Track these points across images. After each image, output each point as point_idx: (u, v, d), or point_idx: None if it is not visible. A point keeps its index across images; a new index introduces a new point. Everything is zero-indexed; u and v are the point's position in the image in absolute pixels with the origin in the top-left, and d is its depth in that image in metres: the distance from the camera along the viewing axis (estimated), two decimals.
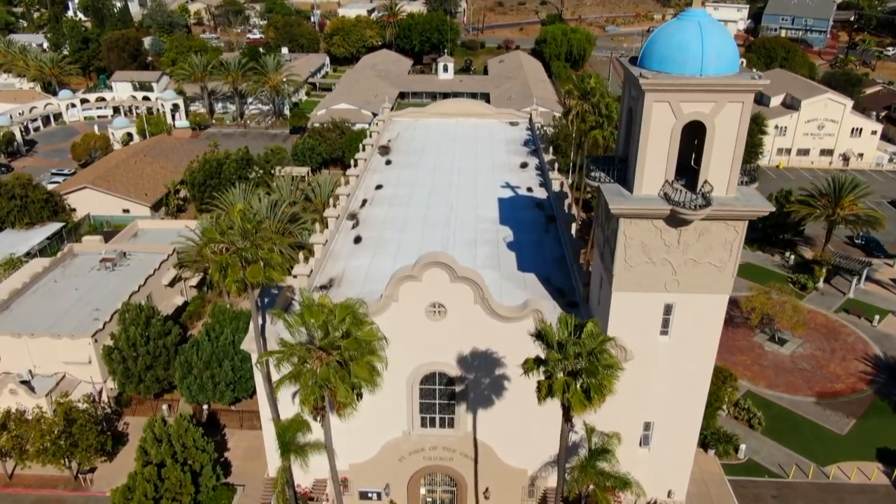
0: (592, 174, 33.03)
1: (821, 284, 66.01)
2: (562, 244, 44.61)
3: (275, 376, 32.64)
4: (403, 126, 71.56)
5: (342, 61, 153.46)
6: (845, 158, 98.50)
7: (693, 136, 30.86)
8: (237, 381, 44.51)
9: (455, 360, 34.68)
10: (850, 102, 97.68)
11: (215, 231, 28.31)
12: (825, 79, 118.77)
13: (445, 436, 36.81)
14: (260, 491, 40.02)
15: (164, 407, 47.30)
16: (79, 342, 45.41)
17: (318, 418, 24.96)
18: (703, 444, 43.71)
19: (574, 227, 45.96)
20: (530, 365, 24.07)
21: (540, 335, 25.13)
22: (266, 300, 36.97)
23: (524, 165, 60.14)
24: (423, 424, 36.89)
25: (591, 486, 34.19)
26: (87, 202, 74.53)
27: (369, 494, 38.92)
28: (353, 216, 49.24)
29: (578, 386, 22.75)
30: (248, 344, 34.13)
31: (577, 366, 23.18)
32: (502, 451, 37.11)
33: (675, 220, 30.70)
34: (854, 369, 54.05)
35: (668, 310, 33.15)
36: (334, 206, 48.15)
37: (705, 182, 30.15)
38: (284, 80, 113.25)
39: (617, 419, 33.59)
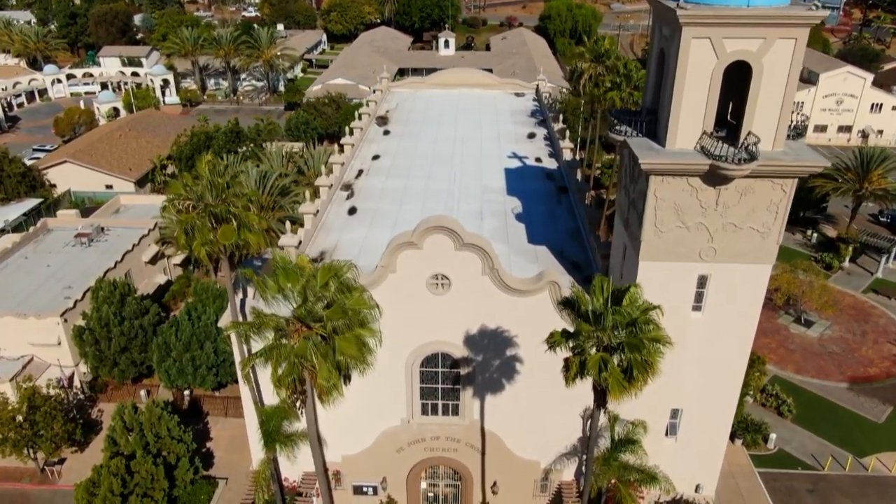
0: (616, 128, 29.03)
1: (846, 264, 62.04)
2: (575, 216, 40.63)
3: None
4: (403, 97, 67.44)
5: (340, 39, 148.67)
6: (864, 135, 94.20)
7: (730, 85, 26.79)
8: (220, 364, 40.62)
9: (460, 340, 30.74)
10: (870, 77, 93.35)
11: (179, 185, 24.28)
12: (841, 55, 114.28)
13: (449, 424, 32.93)
14: (244, 485, 36.20)
15: (142, 393, 43.48)
16: (46, 322, 41.46)
17: (298, 404, 20.99)
18: (730, 433, 39.88)
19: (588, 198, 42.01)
20: (557, 338, 19.94)
21: (569, 303, 20.99)
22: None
23: (532, 136, 56.16)
24: (425, 412, 33.00)
25: (613, 481, 30.48)
26: (67, 177, 70.42)
27: (364, 489, 35.13)
28: (347, 186, 45.15)
29: (617, 364, 18.65)
30: (226, 321, 30.15)
31: (615, 339, 19.18)
32: (512, 442, 33.25)
33: (713, 178, 26.68)
34: (888, 353, 50.17)
35: (702, 282, 29.21)
36: (327, 175, 44.07)
37: (749, 133, 26.10)
38: (279, 54, 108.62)
39: (640, 406, 29.68)
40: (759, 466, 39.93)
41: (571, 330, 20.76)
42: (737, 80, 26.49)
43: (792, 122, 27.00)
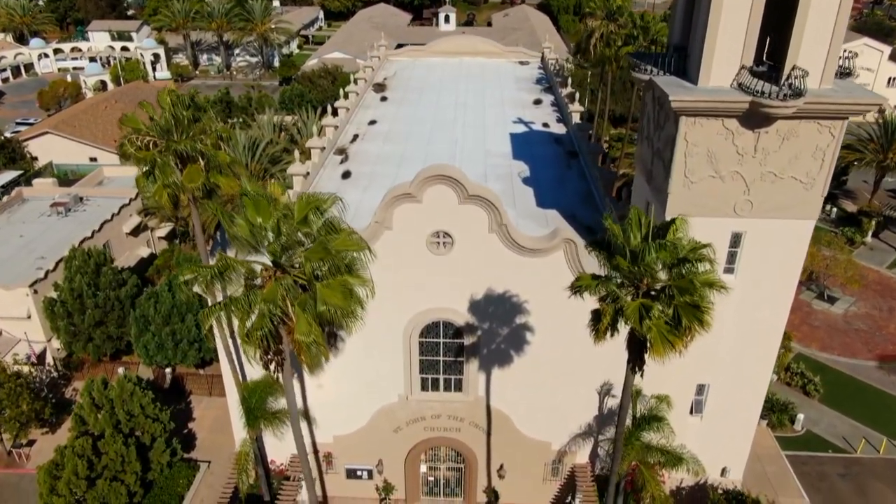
0: (639, 68, 25.84)
1: (869, 238, 58.89)
2: (587, 179, 37.40)
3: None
4: (402, 65, 64.05)
5: (337, 16, 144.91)
6: (881, 110, 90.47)
7: (769, 18, 23.50)
8: (203, 339, 37.44)
9: (464, 306, 27.57)
10: (887, 49, 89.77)
11: (136, 118, 21.02)
12: (855, 28, 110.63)
13: (451, 401, 29.81)
14: (228, 468, 33.05)
15: (120, 371, 40.32)
16: (15, 293, 38.29)
17: (274, 368, 17.72)
18: None
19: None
20: (586, 281, 16.39)
21: (600, 243, 17.29)
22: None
23: (538, 102, 52.90)
24: (424, 387, 29.87)
25: (633, 464, 27.40)
26: (49, 149, 67.02)
27: (358, 473, 32.06)
28: (341, 151, 41.86)
29: (661, 312, 15.31)
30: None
31: (657, 283, 15.86)
32: (521, 421, 30.15)
33: (753, 119, 23.49)
34: None
35: (735, 240, 26.09)
36: (320, 137, 40.78)
37: (794, 67, 22.83)
38: (273, 27, 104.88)
39: (663, 381, 26.70)
40: (786, 449, 36.86)
41: (606, 273, 17.08)
42: (777, 12, 23.21)
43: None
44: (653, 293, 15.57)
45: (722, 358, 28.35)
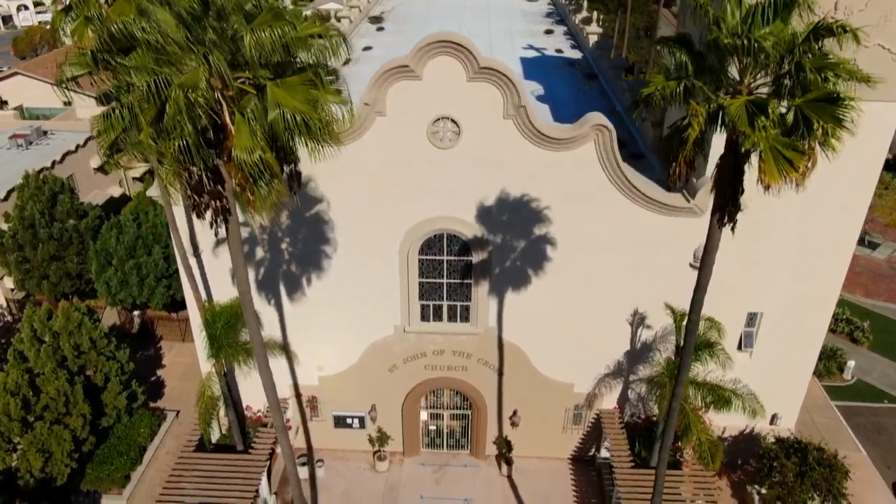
0: None
1: None
2: (609, 97, 32.67)
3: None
4: (399, 1, 59.22)
5: None
6: None
7: None
8: (173, 274, 32.83)
9: (472, 214, 22.89)
10: None
11: None
12: None
13: (457, 333, 25.23)
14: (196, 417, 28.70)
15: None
16: None
17: (210, 215, 12.85)
18: None
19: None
20: (660, 83, 11.38)
21: (675, 40, 11.60)
22: None
23: (549, 32, 48.13)
24: (425, 317, 25.27)
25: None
26: (19, 92, 61.93)
27: (348, 420, 27.59)
28: (332, 72, 37.01)
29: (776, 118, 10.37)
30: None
31: (766, 78, 10.88)
32: (539, 357, 25.61)
33: None
34: None
35: None
36: None
37: None
38: None
39: (707, 307, 22.09)
40: (835, 399, 32.45)
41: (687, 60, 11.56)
42: None
43: None
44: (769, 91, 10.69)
45: (779, 279, 23.77)
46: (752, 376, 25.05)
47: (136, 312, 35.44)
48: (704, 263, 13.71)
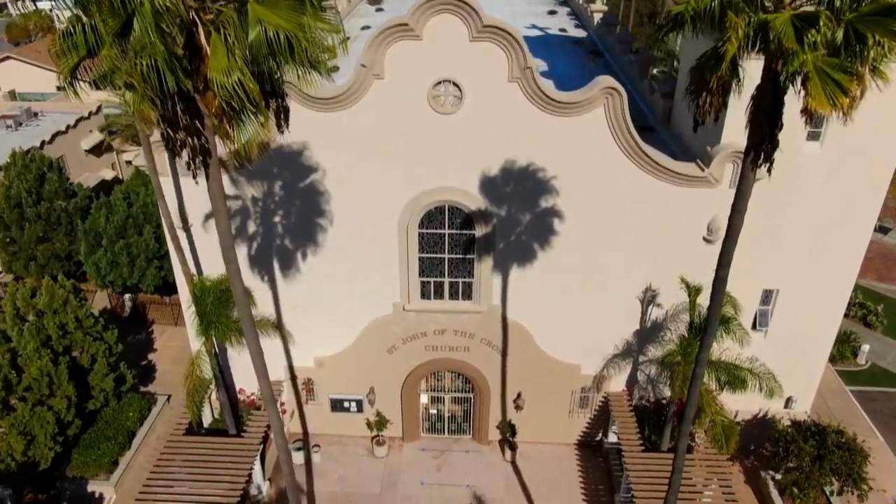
0: None
1: None
2: (616, 74, 31.48)
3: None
4: None
5: None
6: None
7: None
8: (164, 255, 31.72)
9: (475, 185, 21.77)
10: None
11: None
12: None
13: (459, 312, 24.13)
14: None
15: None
16: None
17: (189, 161, 11.62)
18: None
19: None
20: (692, 3, 10.26)
21: None
22: None
23: (553, 13, 46.91)
24: (425, 294, 24.18)
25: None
26: (12, 77, 60.58)
27: (345, 404, 26.51)
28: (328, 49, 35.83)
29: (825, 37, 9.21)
30: None
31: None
32: (545, 337, 24.52)
33: None
34: None
35: None
36: None
37: None
38: None
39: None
40: (849, 384, 31.41)
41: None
42: None
43: None
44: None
45: (797, 253, 22.65)
46: (766, 357, 23.81)
47: (127, 296, 34.36)
48: (733, 222, 12.55)
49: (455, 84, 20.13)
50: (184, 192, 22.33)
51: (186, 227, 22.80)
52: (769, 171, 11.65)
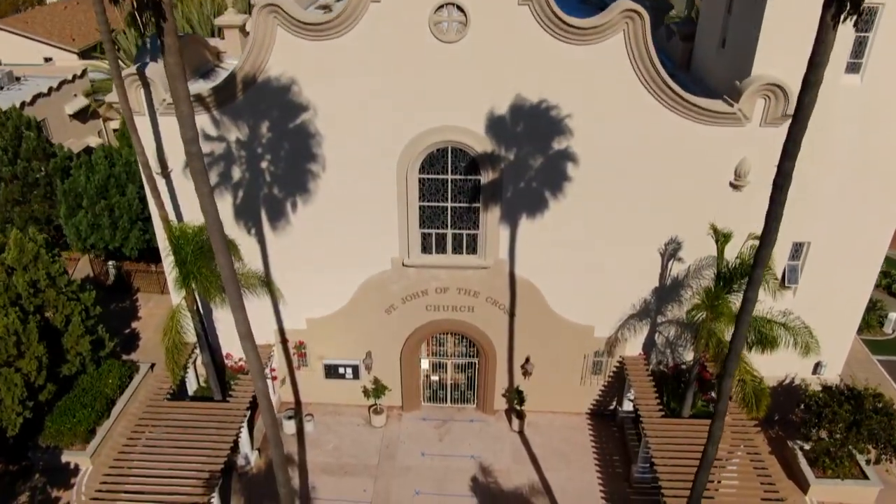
0: None
1: None
2: None
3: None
4: None
5: None
6: None
7: None
8: (149, 217, 29.75)
9: (481, 124, 19.85)
10: None
11: None
12: None
13: (463, 267, 22.27)
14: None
15: None
16: None
17: (132, 8, 9.68)
18: None
19: None
20: None
21: None
22: None
23: None
24: (426, 248, 22.32)
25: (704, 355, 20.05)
26: None
27: (340, 370, 24.69)
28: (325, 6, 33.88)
29: None
30: None
31: None
32: (555, 296, 22.70)
33: None
34: None
35: (868, 22, 18.35)
36: None
37: None
38: None
39: (747, 234, 19.25)
40: (876, 353, 29.63)
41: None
42: None
43: None
44: None
45: (832, 202, 20.76)
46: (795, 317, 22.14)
47: (111, 263, 32.49)
48: (799, 115, 10.58)
49: (459, 7, 18.20)
50: (163, 134, 20.44)
51: (166, 172, 20.92)
52: (856, 25, 9.66)
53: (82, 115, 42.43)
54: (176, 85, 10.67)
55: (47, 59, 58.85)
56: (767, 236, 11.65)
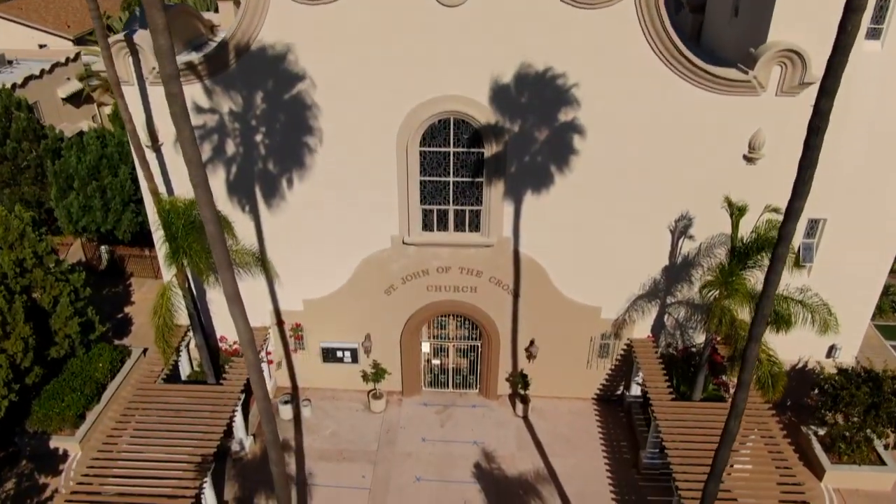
0: None
1: None
2: None
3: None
4: None
5: None
6: None
7: None
8: (142, 199, 28.94)
9: (485, 94, 19.02)
10: None
11: None
12: None
13: (465, 245, 21.46)
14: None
15: None
16: None
17: None
18: None
19: None
20: None
21: None
22: None
23: None
24: (427, 225, 21.50)
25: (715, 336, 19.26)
26: None
27: (338, 353, 23.90)
28: None
29: None
30: None
31: None
32: (561, 276, 21.90)
33: None
34: None
35: None
36: None
37: None
38: None
39: (759, 210, 18.41)
40: (889, 339, 28.83)
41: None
42: None
43: None
44: None
45: (849, 174, 19.93)
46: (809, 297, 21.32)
47: (104, 248, 31.69)
48: (830, 74, 9.78)
49: None
50: (152, 105, 19.62)
51: (156, 146, 20.11)
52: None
53: (76, 100, 41.61)
54: (152, 13, 9.88)
55: (42, 46, 58.05)
56: (796, 199, 10.78)
